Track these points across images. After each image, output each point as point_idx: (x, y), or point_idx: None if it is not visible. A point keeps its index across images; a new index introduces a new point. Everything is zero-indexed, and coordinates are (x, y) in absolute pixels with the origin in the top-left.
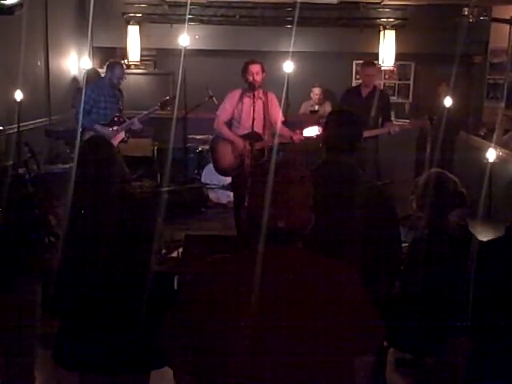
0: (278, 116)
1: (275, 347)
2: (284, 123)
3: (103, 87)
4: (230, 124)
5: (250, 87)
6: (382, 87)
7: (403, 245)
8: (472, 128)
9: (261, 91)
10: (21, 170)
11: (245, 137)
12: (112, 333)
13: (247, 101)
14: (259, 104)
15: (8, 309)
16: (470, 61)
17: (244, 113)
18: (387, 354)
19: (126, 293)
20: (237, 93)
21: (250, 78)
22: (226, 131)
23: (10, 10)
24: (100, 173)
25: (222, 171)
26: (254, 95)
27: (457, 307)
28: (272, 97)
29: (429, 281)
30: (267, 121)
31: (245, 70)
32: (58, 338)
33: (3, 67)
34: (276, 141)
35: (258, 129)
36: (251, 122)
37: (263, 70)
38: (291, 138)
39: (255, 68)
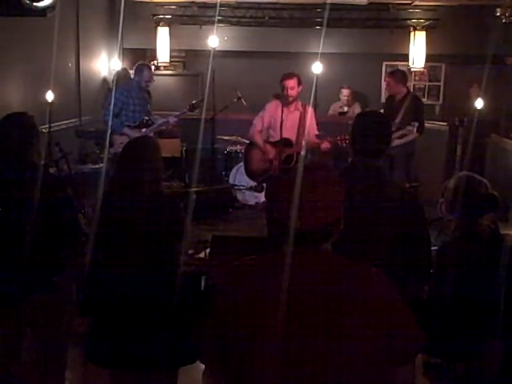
0: (313, 129)
1: (305, 351)
2: (317, 136)
3: (132, 90)
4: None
5: (285, 100)
6: (412, 89)
7: (433, 248)
8: (504, 130)
9: (299, 103)
10: (52, 170)
11: (276, 143)
12: (140, 330)
13: (280, 111)
14: (295, 115)
15: (47, 308)
16: (502, 62)
17: (276, 123)
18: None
19: (155, 292)
20: (273, 104)
21: (285, 92)
22: (258, 139)
23: (42, 11)
24: (136, 173)
25: (251, 175)
26: (287, 107)
27: (487, 312)
28: (309, 110)
29: (459, 285)
30: (301, 131)
31: (281, 83)
32: (89, 336)
33: (35, 68)
34: (305, 148)
35: (290, 137)
36: (280, 131)
37: (299, 84)
38: (318, 145)
39: (289, 83)
